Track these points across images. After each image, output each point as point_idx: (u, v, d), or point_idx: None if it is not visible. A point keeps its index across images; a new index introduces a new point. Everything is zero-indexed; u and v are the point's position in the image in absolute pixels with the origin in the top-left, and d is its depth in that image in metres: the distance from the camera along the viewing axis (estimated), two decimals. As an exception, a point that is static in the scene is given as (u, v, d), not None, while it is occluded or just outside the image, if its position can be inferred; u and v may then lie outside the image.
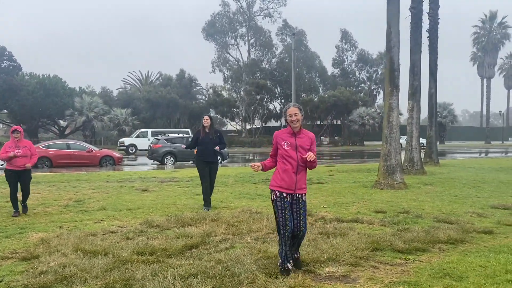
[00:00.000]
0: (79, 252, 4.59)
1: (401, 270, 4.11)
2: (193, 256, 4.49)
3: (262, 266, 4.10)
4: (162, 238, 5.25)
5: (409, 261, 4.41)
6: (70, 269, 3.97)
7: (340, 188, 10.29)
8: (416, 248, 4.77)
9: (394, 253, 4.66)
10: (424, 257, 4.53)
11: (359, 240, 4.99)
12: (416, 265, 4.27)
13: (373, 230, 5.76)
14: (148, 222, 6.23)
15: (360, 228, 5.88)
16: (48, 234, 5.61)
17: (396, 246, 4.79)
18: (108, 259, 4.28)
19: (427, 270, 4.07)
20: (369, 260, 4.41)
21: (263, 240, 5.16)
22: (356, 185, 10.91)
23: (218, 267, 4.06)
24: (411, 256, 4.56)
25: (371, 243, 4.88)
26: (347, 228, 5.74)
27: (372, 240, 5.01)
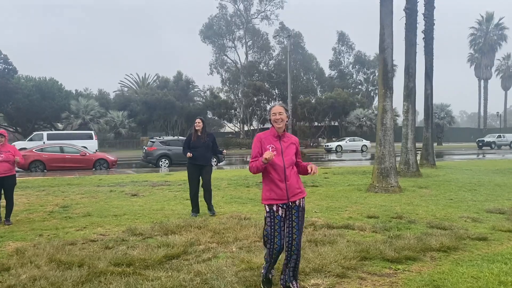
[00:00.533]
0: (54, 263, 4.38)
1: (389, 282, 3.92)
2: (172, 268, 4.27)
3: (243, 279, 3.90)
4: (143, 247, 5.03)
5: (399, 271, 4.22)
6: (40, 283, 3.76)
7: (333, 192, 10.10)
8: (406, 257, 4.57)
9: (384, 262, 4.47)
10: (415, 267, 4.34)
11: (348, 249, 4.78)
12: (406, 275, 4.08)
13: (364, 237, 5.56)
14: (131, 230, 6.01)
15: (350, 235, 5.68)
16: (25, 243, 5.39)
17: (386, 255, 4.59)
18: (82, 271, 4.07)
19: (416, 282, 3.87)
20: (357, 270, 4.21)
21: (248, 249, 4.95)
22: (351, 188, 10.72)
23: (197, 279, 3.86)
24: (401, 265, 4.37)
25: (360, 251, 4.68)
26: (337, 235, 5.55)
27: (362, 248, 4.81)
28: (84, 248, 5.03)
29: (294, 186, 3.61)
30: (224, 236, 5.57)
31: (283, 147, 3.65)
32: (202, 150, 7.28)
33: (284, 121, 3.67)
